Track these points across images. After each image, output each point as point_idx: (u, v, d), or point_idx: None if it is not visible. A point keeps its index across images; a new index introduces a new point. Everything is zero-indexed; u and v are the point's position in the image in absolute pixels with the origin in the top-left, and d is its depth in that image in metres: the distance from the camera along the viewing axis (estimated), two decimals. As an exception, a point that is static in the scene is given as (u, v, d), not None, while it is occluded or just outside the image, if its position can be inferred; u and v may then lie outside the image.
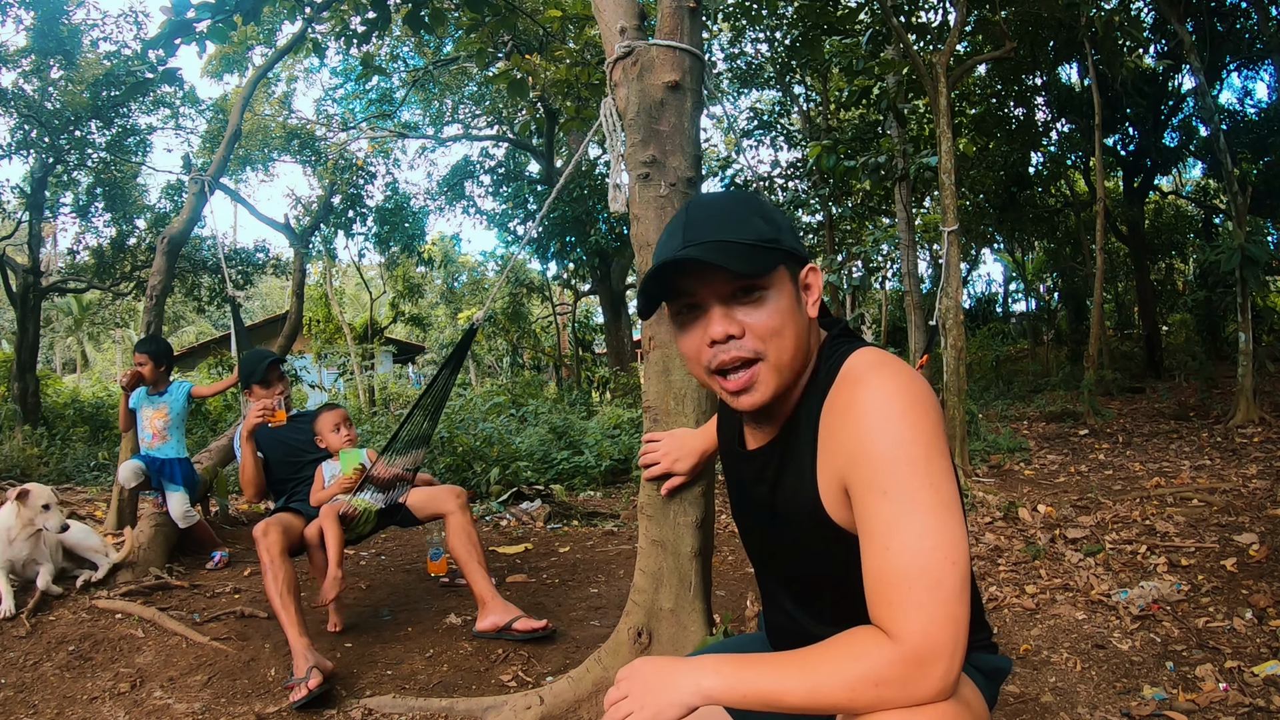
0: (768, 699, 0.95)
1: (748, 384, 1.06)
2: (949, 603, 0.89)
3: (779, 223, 1.09)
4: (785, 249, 1.06)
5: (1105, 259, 10.12)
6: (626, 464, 7.50)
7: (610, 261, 15.23)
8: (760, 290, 1.04)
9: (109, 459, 9.56)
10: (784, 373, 1.06)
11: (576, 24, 7.10)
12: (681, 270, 1.05)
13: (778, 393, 1.07)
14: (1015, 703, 2.35)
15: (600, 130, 2.34)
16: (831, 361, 1.07)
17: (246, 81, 8.93)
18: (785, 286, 1.06)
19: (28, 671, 2.77)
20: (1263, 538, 3.64)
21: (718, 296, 1.05)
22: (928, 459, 0.94)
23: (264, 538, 2.84)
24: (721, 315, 1.05)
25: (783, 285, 1.06)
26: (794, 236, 1.10)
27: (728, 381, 1.07)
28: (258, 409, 3.09)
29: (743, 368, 1.06)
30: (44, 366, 20.49)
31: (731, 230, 1.05)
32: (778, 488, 1.14)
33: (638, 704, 1.01)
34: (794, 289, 1.07)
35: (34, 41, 10.58)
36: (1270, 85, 13.66)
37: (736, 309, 1.05)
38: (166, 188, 13.51)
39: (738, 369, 1.06)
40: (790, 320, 1.05)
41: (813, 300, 1.10)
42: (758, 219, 1.06)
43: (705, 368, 1.08)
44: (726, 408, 1.30)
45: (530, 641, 2.89)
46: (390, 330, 22.46)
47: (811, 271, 1.10)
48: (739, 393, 1.07)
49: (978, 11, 8.89)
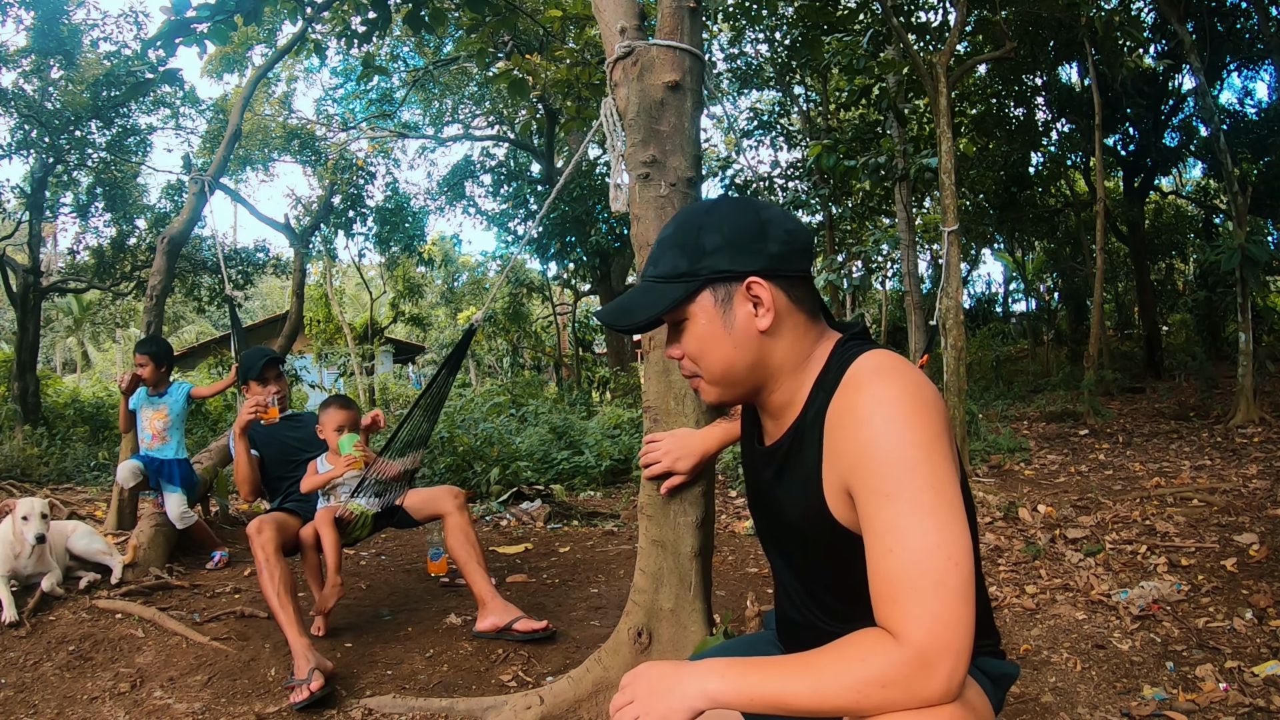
0: (774, 702, 0.94)
1: (697, 388, 1.20)
2: (953, 603, 0.89)
3: (703, 246, 1.09)
4: (702, 277, 1.10)
5: (1105, 259, 10.12)
6: (626, 464, 7.50)
7: (610, 261, 15.23)
8: (680, 321, 1.14)
9: (109, 459, 9.55)
10: (723, 385, 1.15)
11: (576, 24, 7.10)
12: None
13: (725, 399, 1.18)
14: (1015, 703, 2.35)
15: (600, 130, 2.34)
16: (841, 364, 1.08)
17: (246, 81, 8.94)
18: (705, 311, 1.11)
19: (28, 671, 2.77)
20: (1263, 538, 3.64)
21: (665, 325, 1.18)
22: (929, 461, 0.94)
23: (258, 535, 2.83)
24: (670, 341, 1.19)
25: (703, 310, 1.11)
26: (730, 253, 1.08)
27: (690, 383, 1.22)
28: (250, 405, 3.08)
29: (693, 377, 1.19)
30: (44, 366, 20.48)
31: (656, 264, 1.15)
32: (786, 486, 1.16)
33: (643, 709, 1.01)
34: (719, 311, 1.10)
35: (34, 41, 10.57)
36: (1270, 85, 13.68)
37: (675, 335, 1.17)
38: (166, 188, 13.49)
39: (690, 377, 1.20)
40: (711, 343, 1.12)
41: (763, 311, 1.09)
42: (674, 251, 1.12)
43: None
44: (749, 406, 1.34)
45: (530, 642, 2.89)
46: (390, 330, 22.46)
47: (754, 284, 1.08)
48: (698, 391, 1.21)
49: (978, 11, 8.89)
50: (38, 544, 3.25)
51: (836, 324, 1.19)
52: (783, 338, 1.11)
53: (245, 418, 3.06)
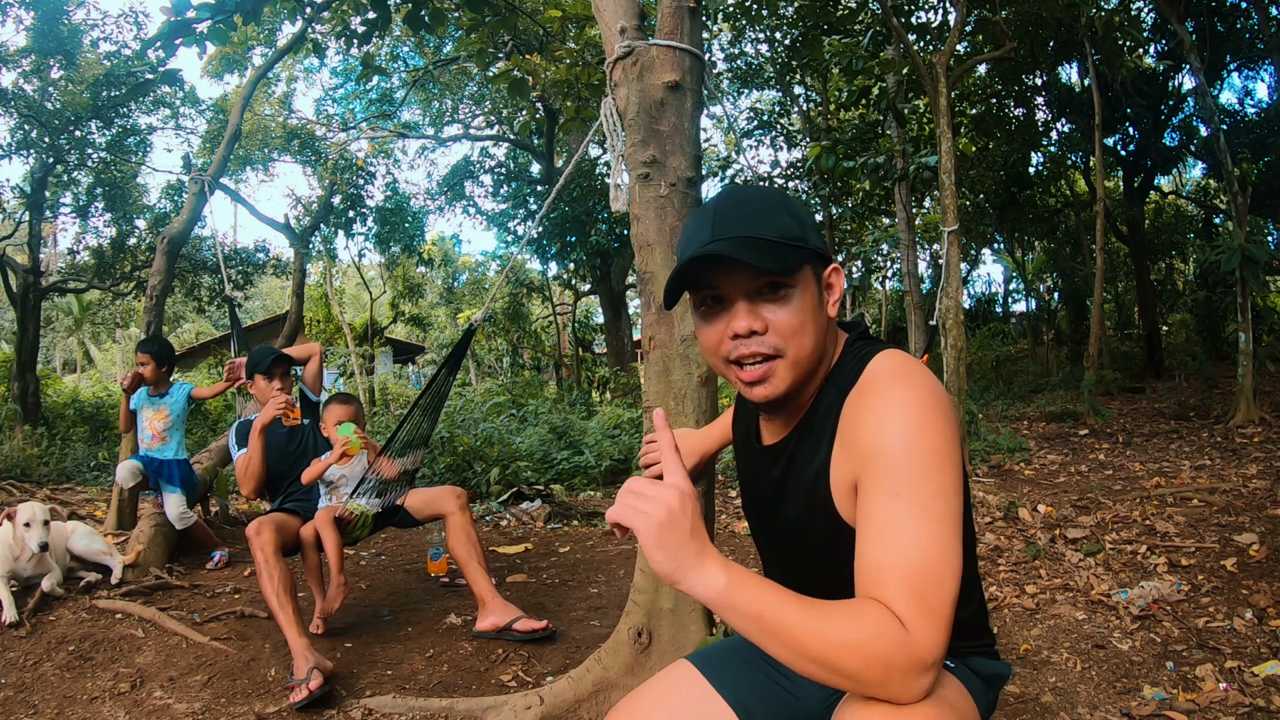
0: (778, 624, 0.88)
1: (763, 376, 1.07)
2: (946, 608, 0.90)
3: (805, 221, 1.10)
4: (811, 248, 1.07)
5: (1105, 259, 10.12)
6: (626, 464, 7.50)
7: (610, 261, 15.22)
8: (786, 288, 1.06)
9: (109, 459, 9.55)
10: (800, 369, 1.07)
11: (576, 24, 7.10)
12: (712, 264, 1.06)
13: (792, 389, 1.08)
14: (1015, 703, 2.35)
15: (600, 130, 2.34)
16: (857, 361, 1.08)
17: (246, 81, 8.93)
18: (809, 285, 1.07)
19: (28, 671, 2.77)
20: (1263, 538, 3.64)
21: (743, 291, 1.06)
22: (942, 469, 0.95)
23: (257, 537, 2.83)
24: (746, 310, 1.06)
25: (807, 284, 1.07)
26: (819, 236, 1.12)
27: (744, 372, 1.08)
28: (279, 402, 3.06)
29: (761, 361, 1.07)
30: (44, 366, 20.47)
31: (760, 226, 1.06)
32: (790, 481, 1.15)
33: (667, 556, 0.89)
34: (817, 288, 1.09)
35: (34, 41, 10.58)
36: (1270, 85, 13.66)
37: (761, 305, 1.06)
38: (166, 188, 13.50)
39: (756, 362, 1.07)
40: (812, 319, 1.07)
41: (834, 300, 1.12)
42: (786, 216, 1.07)
43: (724, 358, 1.10)
44: (744, 403, 1.31)
45: (530, 641, 2.89)
46: (390, 330, 22.46)
47: (834, 272, 1.12)
48: (754, 383, 1.08)
49: (978, 11, 8.89)
50: (40, 551, 3.26)
51: (842, 323, 1.21)
52: (831, 329, 1.14)
53: (272, 413, 3.05)
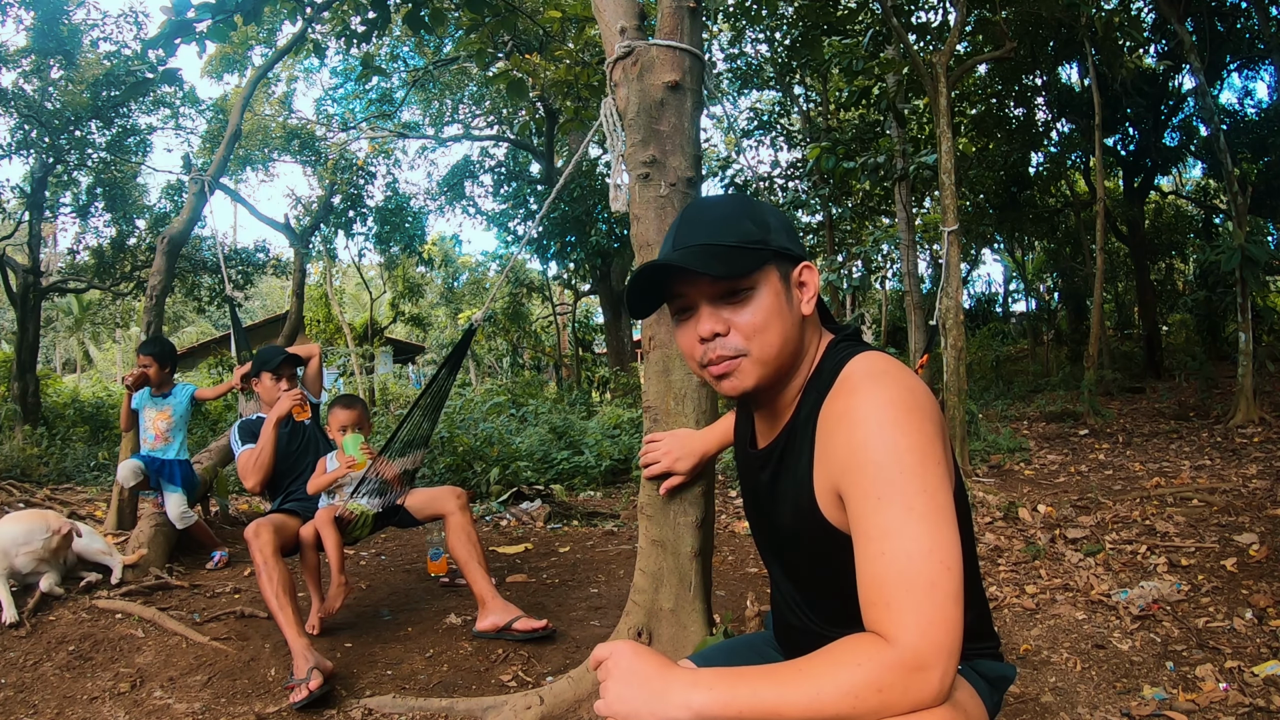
0: (766, 712, 0.91)
1: (729, 371, 1.12)
2: (945, 606, 0.90)
3: (769, 223, 1.13)
4: (773, 249, 1.10)
5: (1105, 259, 10.12)
6: (626, 464, 7.50)
7: (610, 261, 15.23)
8: (745, 290, 1.09)
9: (109, 459, 9.55)
10: (768, 366, 1.11)
11: (576, 24, 7.10)
12: (668, 274, 1.11)
13: (762, 384, 1.12)
14: (1015, 703, 2.35)
15: (600, 130, 2.34)
16: (835, 364, 1.09)
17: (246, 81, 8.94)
18: (772, 285, 1.10)
19: (28, 671, 2.77)
20: (1263, 538, 3.64)
21: (705, 297, 1.11)
22: (922, 465, 0.95)
23: (256, 539, 2.83)
24: (709, 314, 1.11)
25: (769, 284, 1.10)
26: (787, 236, 1.14)
27: (713, 368, 1.13)
28: (294, 394, 3.16)
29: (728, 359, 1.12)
30: (44, 366, 20.49)
31: (719, 233, 1.11)
32: (779, 486, 1.16)
33: (626, 700, 0.97)
34: (783, 287, 1.11)
35: (34, 41, 10.58)
36: (1270, 85, 13.66)
37: (723, 308, 1.10)
38: (166, 188, 13.52)
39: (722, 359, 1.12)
40: (777, 317, 1.10)
41: (807, 298, 1.14)
42: (746, 221, 1.12)
43: (699, 362, 1.15)
44: (743, 406, 1.33)
45: (530, 641, 2.89)
46: (390, 330, 22.48)
47: (806, 269, 1.14)
48: (721, 378, 1.13)
49: (978, 11, 8.89)
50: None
51: (834, 325, 1.22)
52: (809, 328, 1.15)
53: (286, 406, 3.15)
